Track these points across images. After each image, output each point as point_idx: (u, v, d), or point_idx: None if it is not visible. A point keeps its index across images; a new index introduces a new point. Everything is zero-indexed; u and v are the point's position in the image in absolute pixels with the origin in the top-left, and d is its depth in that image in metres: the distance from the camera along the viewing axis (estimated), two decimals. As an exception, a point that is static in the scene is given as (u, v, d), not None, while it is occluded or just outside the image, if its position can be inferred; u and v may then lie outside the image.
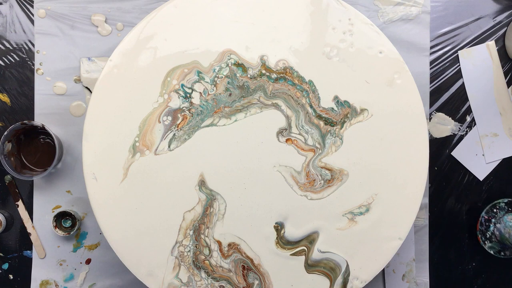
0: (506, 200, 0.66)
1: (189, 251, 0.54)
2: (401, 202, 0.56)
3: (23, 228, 0.66)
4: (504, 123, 0.69)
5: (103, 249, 0.66)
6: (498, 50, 0.69)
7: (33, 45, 0.66)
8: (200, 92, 0.55)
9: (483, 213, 0.65)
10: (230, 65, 0.55)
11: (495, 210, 0.65)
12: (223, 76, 0.55)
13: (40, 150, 0.64)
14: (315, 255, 0.55)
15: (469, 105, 0.69)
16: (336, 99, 0.56)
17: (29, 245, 0.66)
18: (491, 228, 0.65)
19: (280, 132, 0.55)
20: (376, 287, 0.68)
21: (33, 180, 0.65)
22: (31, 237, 0.65)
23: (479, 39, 0.69)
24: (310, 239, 0.55)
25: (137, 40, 0.55)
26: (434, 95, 0.69)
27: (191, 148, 0.55)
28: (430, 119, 0.69)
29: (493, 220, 0.65)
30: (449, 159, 0.69)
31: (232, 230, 0.55)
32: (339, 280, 0.55)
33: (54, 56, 0.65)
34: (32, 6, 0.66)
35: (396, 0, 0.67)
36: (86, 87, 0.66)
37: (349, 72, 0.56)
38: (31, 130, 0.63)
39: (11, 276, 0.66)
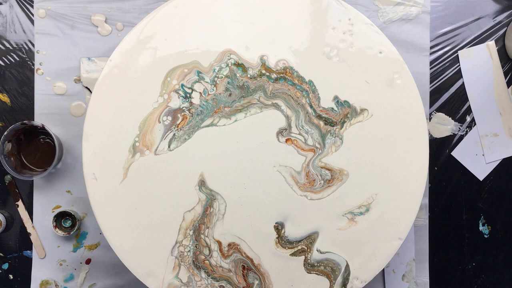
0: None
1: (189, 251, 0.54)
2: (401, 202, 0.56)
3: (23, 228, 0.66)
4: (504, 123, 0.69)
5: (103, 249, 0.66)
6: (498, 50, 0.69)
7: (33, 45, 0.66)
8: (200, 92, 0.55)
9: None
10: (230, 65, 0.55)
11: None
12: (223, 76, 0.55)
13: (40, 150, 0.64)
14: (315, 255, 0.55)
15: (469, 105, 0.69)
16: (336, 99, 0.56)
17: (29, 245, 0.66)
18: None
19: (280, 132, 0.55)
20: (376, 287, 0.68)
21: (33, 180, 0.65)
22: (31, 237, 0.65)
23: (479, 39, 0.69)
24: (310, 239, 0.55)
25: (137, 40, 0.55)
26: (434, 95, 0.69)
27: (191, 148, 0.55)
28: (430, 119, 0.69)
29: None
30: (449, 159, 0.69)
31: (232, 230, 0.55)
32: (339, 280, 0.55)
33: (54, 56, 0.65)
34: (32, 6, 0.66)
35: (396, 0, 0.67)
36: (86, 87, 0.66)
37: (349, 72, 0.56)
38: (31, 130, 0.63)
39: (11, 276, 0.66)
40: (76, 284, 0.66)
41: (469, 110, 0.69)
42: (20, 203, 0.66)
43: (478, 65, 0.69)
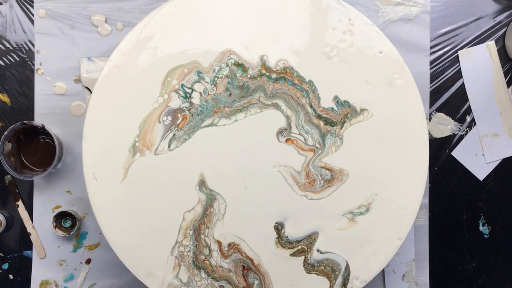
0: None
1: (189, 251, 0.54)
2: (401, 202, 0.56)
3: (23, 228, 0.66)
4: (504, 123, 0.69)
5: (103, 249, 0.66)
6: (498, 50, 0.69)
7: (33, 45, 0.66)
8: (200, 92, 0.55)
9: None
10: (230, 65, 0.55)
11: None
12: (223, 76, 0.55)
13: (40, 150, 0.64)
14: (315, 255, 0.55)
15: (469, 105, 0.69)
16: (336, 99, 0.56)
17: (29, 245, 0.66)
18: None
19: (280, 132, 0.55)
20: (376, 287, 0.68)
21: (33, 180, 0.65)
22: (31, 237, 0.65)
23: (479, 39, 0.69)
24: (310, 239, 0.55)
25: (137, 40, 0.55)
26: (434, 95, 0.69)
27: (191, 148, 0.55)
28: (430, 119, 0.69)
29: None
30: (449, 159, 0.69)
31: (232, 230, 0.55)
32: (339, 280, 0.55)
33: (54, 56, 0.65)
34: (32, 6, 0.66)
35: (396, 0, 0.67)
36: (86, 87, 0.66)
37: (349, 72, 0.56)
38: (31, 130, 0.63)
39: (11, 276, 0.66)
40: (76, 284, 0.66)
41: (469, 110, 0.69)
42: (20, 203, 0.66)
43: (478, 65, 0.69)
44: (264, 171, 0.55)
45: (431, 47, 0.68)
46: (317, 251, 0.55)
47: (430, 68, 0.68)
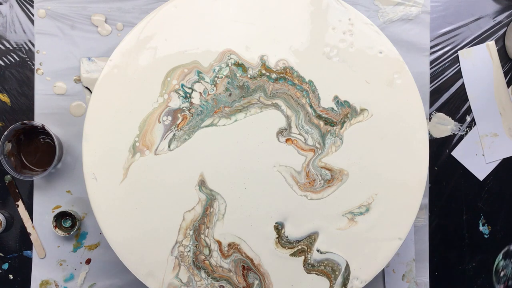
0: None
1: (189, 251, 0.54)
2: (401, 202, 0.56)
3: (23, 228, 0.66)
4: (504, 123, 0.69)
5: (103, 249, 0.66)
6: (498, 50, 0.69)
7: (33, 45, 0.66)
8: (200, 92, 0.55)
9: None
10: (230, 65, 0.55)
11: None
12: (223, 76, 0.55)
13: (40, 150, 0.64)
14: (315, 255, 0.55)
15: (469, 105, 0.69)
16: (336, 99, 0.56)
17: (29, 245, 0.66)
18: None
19: (280, 132, 0.55)
20: (376, 287, 0.68)
21: (33, 180, 0.65)
22: (31, 237, 0.65)
23: (479, 39, 0.69)
24: (310, 239, 0.55)
25: (137, 40, 0.55)
26: (434, 95, 0.69)
27: (191, 148, 0.55)
28: (430, 119, 0.69)
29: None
30: (449, 159, 0.69)
31: (232, 230, 0.55)
32: (339, 280, 0.55)
33: (54, 56, 0.65)
34: (32, 6, 0.66)
35: (396, 0, 0.67)
36: (86, 87, 0.66)
37: (349, 72, 0.56)
38: (31, 130, 0.63)
39: (11, 276, 0.66)
40: (76, 284, 0.66)
41: (469, 110, 0.69)
42: (20, 203, 0.66)
43: (478, 65, 0.69)
44: (264, 171, 0.55)
45: (431, 47, 0.68)
46: (317, 251, 0.55)
47: (430, 68, 0.68)
